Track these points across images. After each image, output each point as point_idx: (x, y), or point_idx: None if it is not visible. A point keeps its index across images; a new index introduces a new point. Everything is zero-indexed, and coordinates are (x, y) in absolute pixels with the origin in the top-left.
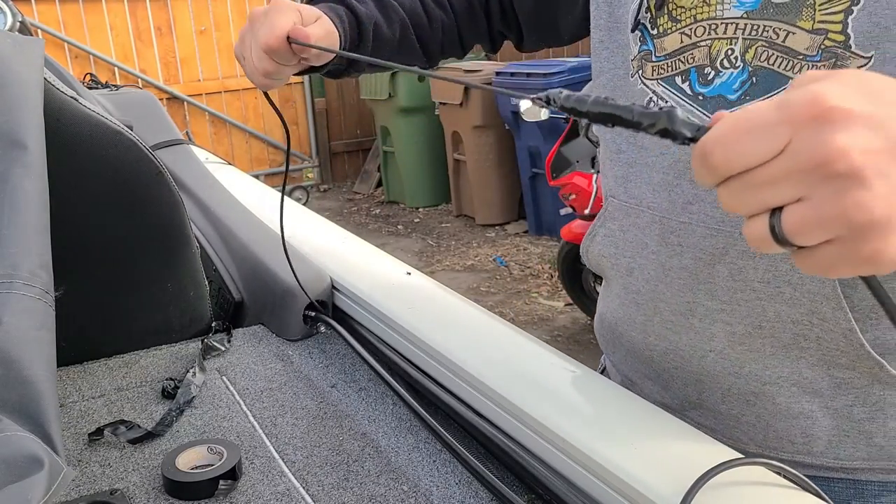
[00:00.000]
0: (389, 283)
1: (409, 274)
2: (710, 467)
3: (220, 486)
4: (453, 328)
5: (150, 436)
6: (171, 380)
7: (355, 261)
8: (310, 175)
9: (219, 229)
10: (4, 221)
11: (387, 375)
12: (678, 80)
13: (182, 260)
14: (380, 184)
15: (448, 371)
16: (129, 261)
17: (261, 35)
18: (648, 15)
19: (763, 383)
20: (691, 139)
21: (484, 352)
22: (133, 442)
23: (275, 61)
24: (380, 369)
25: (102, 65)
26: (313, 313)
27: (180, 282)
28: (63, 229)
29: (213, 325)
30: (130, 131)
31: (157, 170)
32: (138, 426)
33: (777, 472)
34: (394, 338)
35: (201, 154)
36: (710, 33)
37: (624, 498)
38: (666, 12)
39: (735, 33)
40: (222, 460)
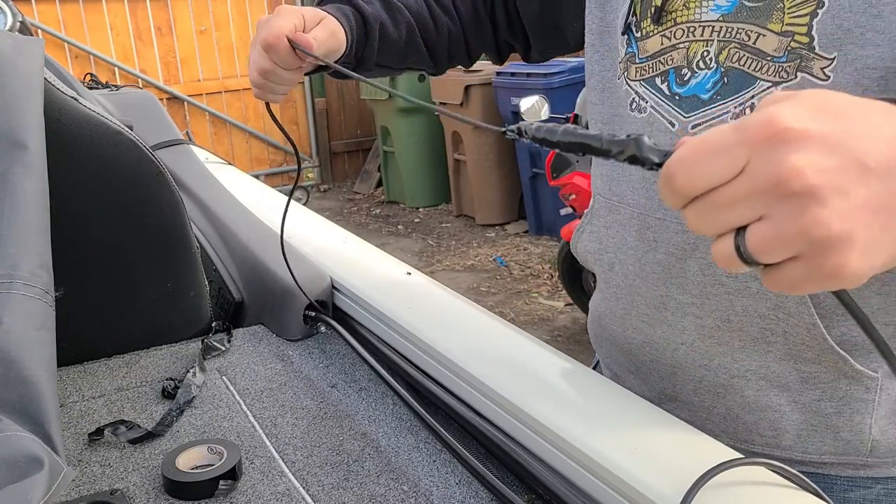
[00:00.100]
0: (389, 283)
1: (409, 274)
2: (710, 467)
3: (220, 486)
4: (453, 328)
5: (150, 436)
6: (171, 380)
7: (355, 261)
8: (310, 175)
9: (219, 229)
10: (4, 221)
11: (387, 375)
12: (658, 81)
13: (182, 260)
14: (380, 184)
15: (448, 371)
16: (129, 261)
17: (261, 35)
18: (634, 18)
19: (732, 376)
20: (658, 164)
21: (484, 352)
22: (133, 442)
23: (273, 61)
24: (380, 369)
25: (102, 65)
26: (313, 313)
27: (180, 282)
28: (63, 229)
29: (213, 325)
30: (130, 131)
31: (157, 170)
32: (138, 426)
33: (777, 472)
34: (394, 338)
35: (201, 154)
36: (688, 36)
37: (624, 498)
38: (649, 16)
39: (711, 36)
40: (222, 460)
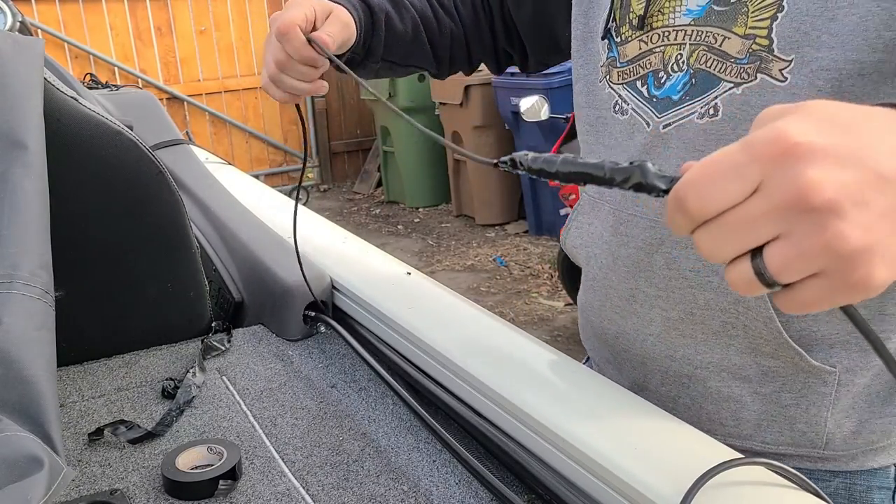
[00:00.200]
0: (389, 283)
1: (409, 274)
2: (710, 467)
3: (220, 486)
4: (453, 328)
5: (150, 436)
6: (171, 380)
7: (355, 261)
8: (310, 175)
9: (219, 229)
10: (4, 221)
11: (387, 375)
12: (638, 84)
13: (182, 260)
14: (380, 184)
15: (448, 371)
16: (129, 261)
17: (274, 27)
18: (614, 24)
19: (696, 367)
20: (665, 191)
21: (484, 352)
22: (133, 442)
23: (287, 52)
24: (380, 369)
25: (102, 65)
26: (313, 313)
27: (180, 282)
28: (63, 229)
29: (213, 325)
30: (130, 131)
31: (157, 170)
32: (138, 426)
33: (777, 472)
34: (394, 338)
35: (201, 154)
36: (663, 40)
37: (624, 498)
38: (627, 21)
39: (683, 39)
40: (222, 460)
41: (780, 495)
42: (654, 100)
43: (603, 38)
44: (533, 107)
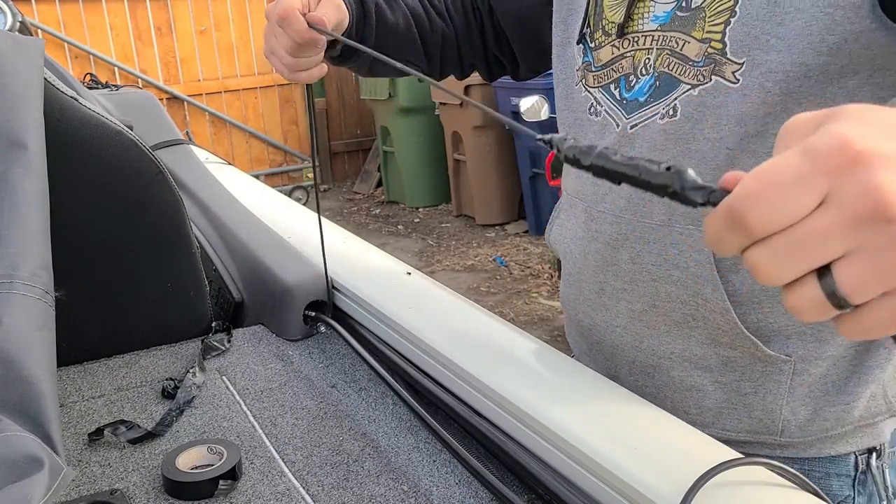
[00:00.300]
0: (389, 283)
1: (409, 274)
2: (710, 467)
3: (220, 486)
4: (453, 328)
5: (150, 436)
6: (171, 380)
7: (355, 261)
8: (310, 175)
9: (219, 229)
10: (4, 221)
11: (387, 375)
12: (612, 88)
13: (182, 260)
14: (380, 184)
15: (448, 371)
16: (129, 261)
17: (274, 14)
18: (588, 30)
19: (659, 357)
20: (701, 204)
21: (484, 352)
22: (133, 442)
23: (290, 37)
24: (380, 369)
25: (102, 65)
26: (313, 313)
27: (180, 282)
28: (63, 229)
29: (213, 325)
30: (130, 131)
31: (157, 170)
32: (138, 426)
33: (777, 472)
34: (394, 338)
35: (201, 154)
36: (633, 45)
37: (624, 498)
38: (601, 27)
39: (651, 45)
40: (222, 460)
41: (780, 495)
42: (624, 102)
43: (578, 43)
44: (533, 107)
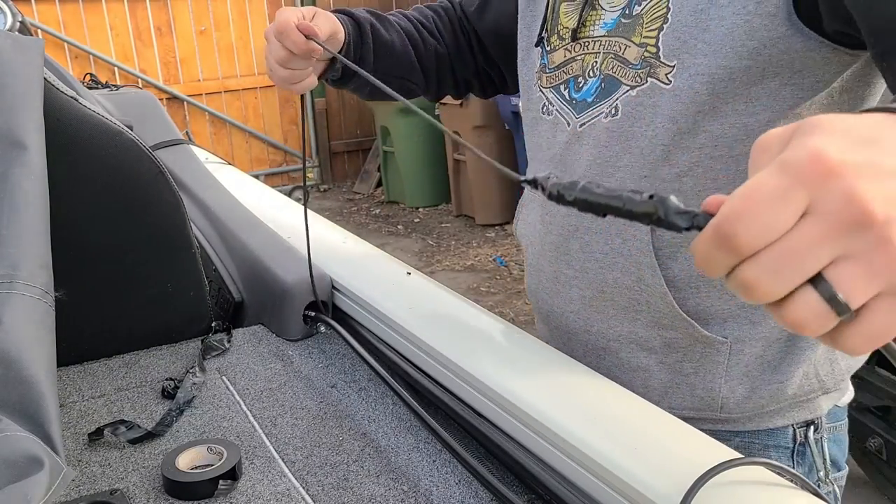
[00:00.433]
0: (389, 283)
1: (409, 274)
2: (710, 467)
3: (220, 486)
4: (453, 328)
5: (150, 436)
6: (171, 380)
7: (355, 261)
8: (310, 175)
9: (219, 229)
10: (4, 221)
11: (387, 375)
12: (562, 88)
13: (182, 260)
14: (380, 184)
15: (448, 371)
16: (129, 261)
17: (271, 30)
18: (545, 34)
19: (609, 340)
20: (686, 229)
21: (484, 352)
22: (133, 442)
23: (286, 48)
24: (380, 369)
25: (102, 65)
26: (313, 313)
27: (180, 282)
28: (63, 229)
29: (213, 325)
30: (130, 131)
31: (157, 170)
32: (138, 426)
33: (777, 472)
34: (394, 338)
35: (201, 154)
36: (584, 49)
37: (624, 498)
38: (556, 32)
39: (598, 49)
40: (222, 460)
41: (780, 495)
42: (573, 102)
43: (536, 46)
44: None
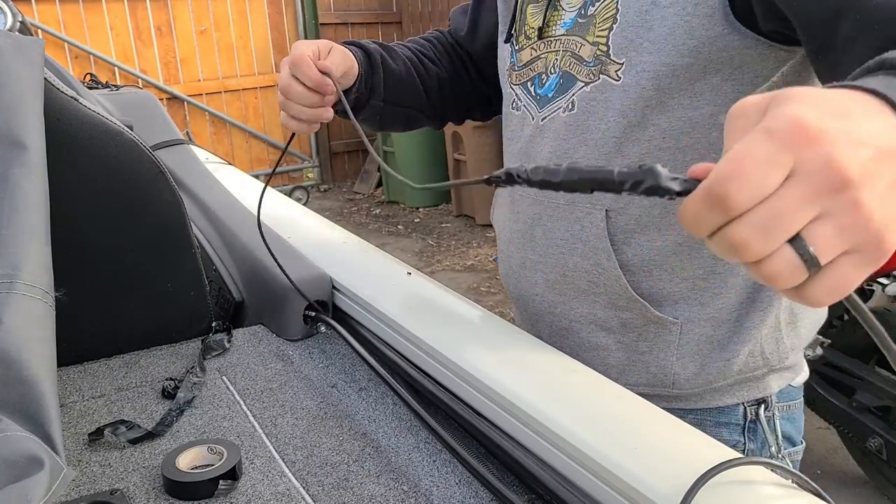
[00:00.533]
0: (389, 283)
1: (409, 274)
2: (710, 467)
3: (220, 486)
4: (453, 328)
5: (150, 436)
6: (171, 380)
7: (355, 261)
8: (310, 175)
9: (219, 229)
10: (4, 221)
11: (387, 375)
12: (528, 85)
13: (182, 260)
14: (380, 184)
15: (448, 371)
16: (130, 261)
17: (289, 61)
18: (514, 33)
19: (571, 321)
20: (680, 193)
21: (484, 351)
22: (133, 442)
23: (296, 77)
24: (380, 369)
25: (102, 65)
26: (313, 313)
27: (180, 282)
28: (63, 229)
29: (213, 325)
30: (130, 131)
31: (157, 170)
32: (138, 426)
33: (777, 472)
34: (394, 338)
35: (201, 154)
36: (546, 47)
37: (624, 498)
38: (524, 32)
39: (559, 47)
40: (222, 460)
41: (780, 495)
42: (537, 97)
43: (506, 42)
44: None
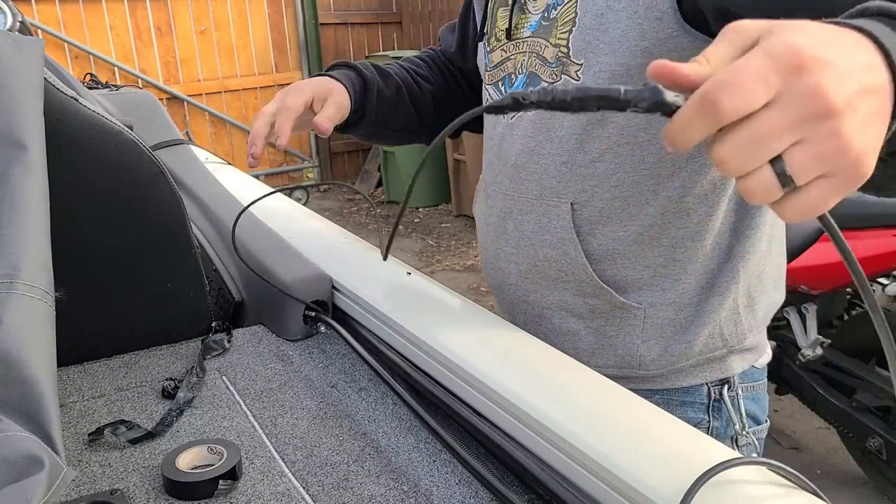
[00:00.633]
0: (389, 283)
1: (409, 274)
2: (709, 467)
3: (220, 486)
4: (453, 328)
5: (150, 436)
6: (171, 380)
7: (355, 261)
8: (310, 175)
9: (219, 229)
10: (4, 221)
11: (387, 375)
12: (500, 85)
13: (182, 260)
14: (380, 184)
15: (448, 371)
16: (129, 261)
17: (279, 99)
18: (486, 34)
19: (543, 308)
20: (680, 108)
21: (484, 352)
22: (133, 442)
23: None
24: (380, 369)
25: (102, 65)
26: (313, 313)
27: (180, 282)
28: (63, 229)
29: (213, 325)
30: (130, 131)
31: (157, 170)
32: (138, 426)
33: (777, 472)
34: (394, 338)
35: (201, 154)
36: (515, 49)
37: (624, 498)
38: (494, 34)
39: (525, 49)
40: (222, 460)
41: (780, 495)
42: None
43: (479, 41)
44: None
